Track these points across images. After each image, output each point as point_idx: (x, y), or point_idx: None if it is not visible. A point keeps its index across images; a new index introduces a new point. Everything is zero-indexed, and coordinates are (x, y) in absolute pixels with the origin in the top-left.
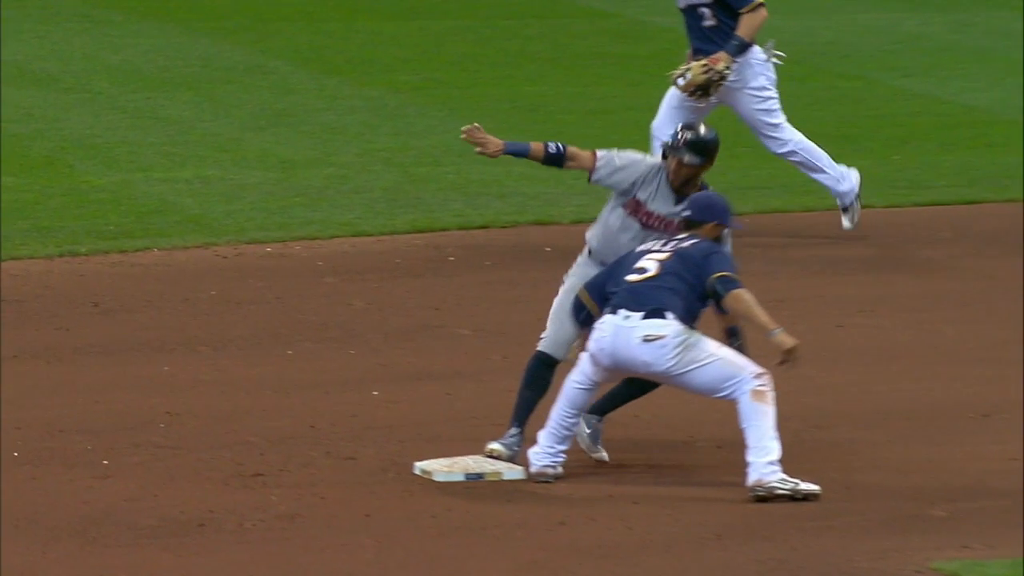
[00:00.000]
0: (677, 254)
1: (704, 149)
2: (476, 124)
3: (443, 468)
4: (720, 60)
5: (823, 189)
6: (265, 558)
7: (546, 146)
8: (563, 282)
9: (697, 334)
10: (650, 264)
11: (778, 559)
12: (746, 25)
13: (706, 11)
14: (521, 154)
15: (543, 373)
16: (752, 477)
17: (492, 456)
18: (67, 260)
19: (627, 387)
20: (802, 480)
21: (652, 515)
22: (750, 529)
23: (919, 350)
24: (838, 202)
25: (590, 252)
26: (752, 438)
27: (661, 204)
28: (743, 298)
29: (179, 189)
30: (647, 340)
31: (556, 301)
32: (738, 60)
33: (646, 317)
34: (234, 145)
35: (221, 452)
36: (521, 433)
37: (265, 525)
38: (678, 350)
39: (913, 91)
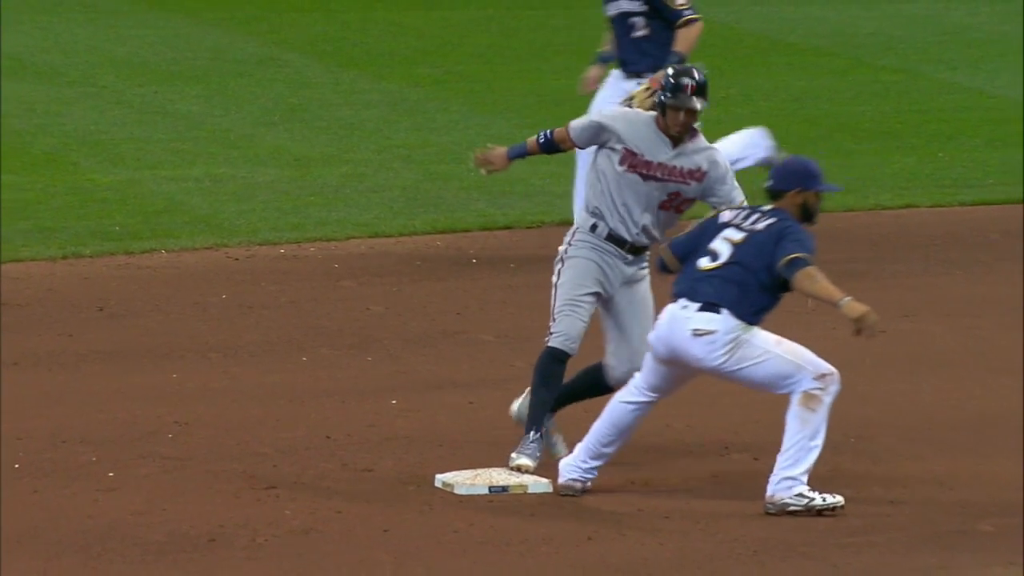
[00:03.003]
0: (751, 238)
1: (707, 90)
2: (484, 147)
3: (465, 481)
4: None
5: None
6: (278, 575)
7: (537, 138)
8: (557, 273)
9: (752, 330)
10: (723, 248)
11: None
12: (683, 39)
13: (638, 20)
14: (523, 154)
15: (555, 370)
16: (767, 491)
17: (518, 470)
18: (71, 262)
19: (588, 387)
20: (823, 493)
21: (685, 530)
22: (788, 545)
23: (966, 357)
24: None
25: (594, 228)
26: (785, 444)
27: (658, 154)
28: (808, 277)
29: (188, 188)
30: (696, 334)
31: (560, 294)
32: None
33: (701, 309)
34: (246, 142)
35: (232, 464)
36: (541, 437)
37: (278, 540)
38: (728, 347)
39: (960, 85)
